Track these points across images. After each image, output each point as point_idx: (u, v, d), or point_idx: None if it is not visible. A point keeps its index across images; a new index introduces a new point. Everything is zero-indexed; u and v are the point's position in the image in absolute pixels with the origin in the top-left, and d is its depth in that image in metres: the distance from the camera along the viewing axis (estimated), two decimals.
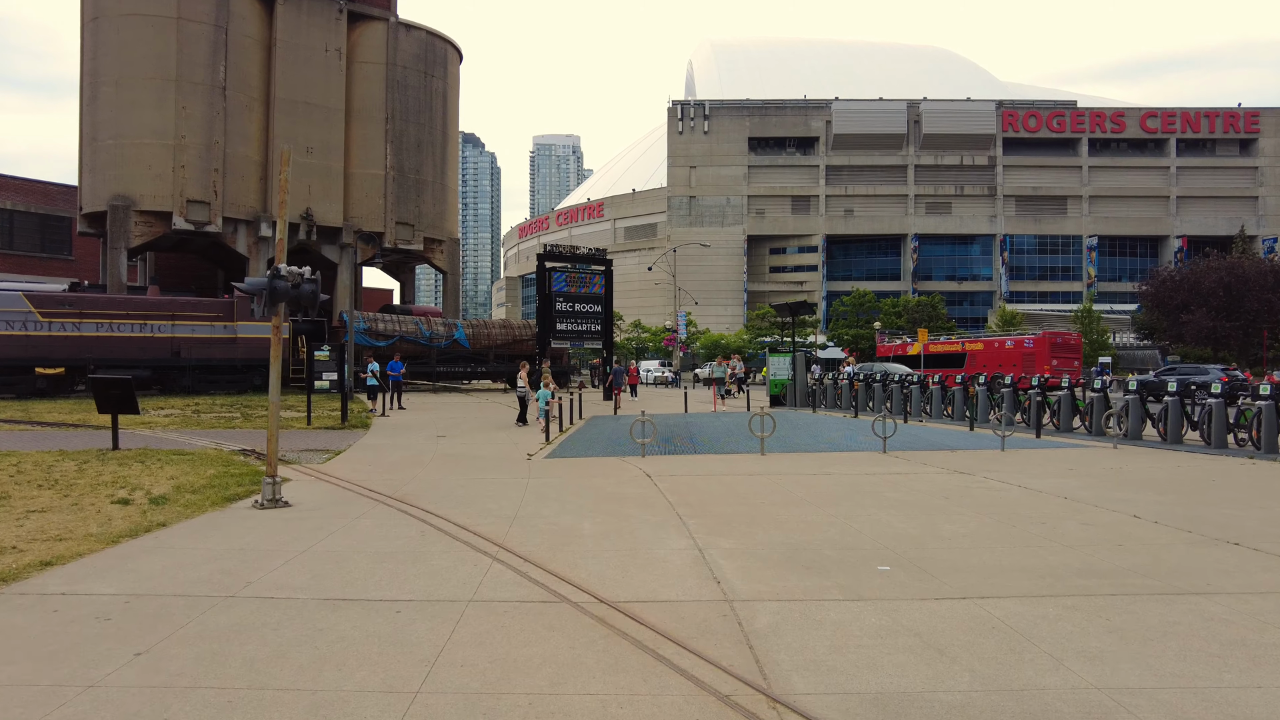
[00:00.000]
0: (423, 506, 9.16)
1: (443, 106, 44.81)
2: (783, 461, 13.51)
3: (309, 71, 39.40)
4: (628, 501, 9.54)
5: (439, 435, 19.12)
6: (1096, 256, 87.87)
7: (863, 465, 12.92)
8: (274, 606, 5.38)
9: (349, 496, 9.99)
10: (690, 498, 9.78)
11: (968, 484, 10.93)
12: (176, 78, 35.66)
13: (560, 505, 9.32)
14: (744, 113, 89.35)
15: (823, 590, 5.81)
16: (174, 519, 8.39)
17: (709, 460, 13.89)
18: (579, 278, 32.34)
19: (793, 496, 9.91)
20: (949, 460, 13.54)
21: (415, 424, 21.60)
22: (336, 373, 20.58)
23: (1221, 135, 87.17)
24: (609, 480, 11.34)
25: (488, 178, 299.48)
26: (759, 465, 13.02)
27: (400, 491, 10.31)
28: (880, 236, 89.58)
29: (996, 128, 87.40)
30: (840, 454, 14.60)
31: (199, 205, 36.65)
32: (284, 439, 17.72)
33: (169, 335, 32.30)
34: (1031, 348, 41.59)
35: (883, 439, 14.60)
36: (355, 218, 40.90)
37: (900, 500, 9.62)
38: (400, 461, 13.80)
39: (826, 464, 13.14)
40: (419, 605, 5.42)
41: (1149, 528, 8.00)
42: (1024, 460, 13.58)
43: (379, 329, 35.68)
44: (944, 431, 18.24)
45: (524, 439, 18.01)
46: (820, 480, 11.29)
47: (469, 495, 10.05)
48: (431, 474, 12.20)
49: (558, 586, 5.87)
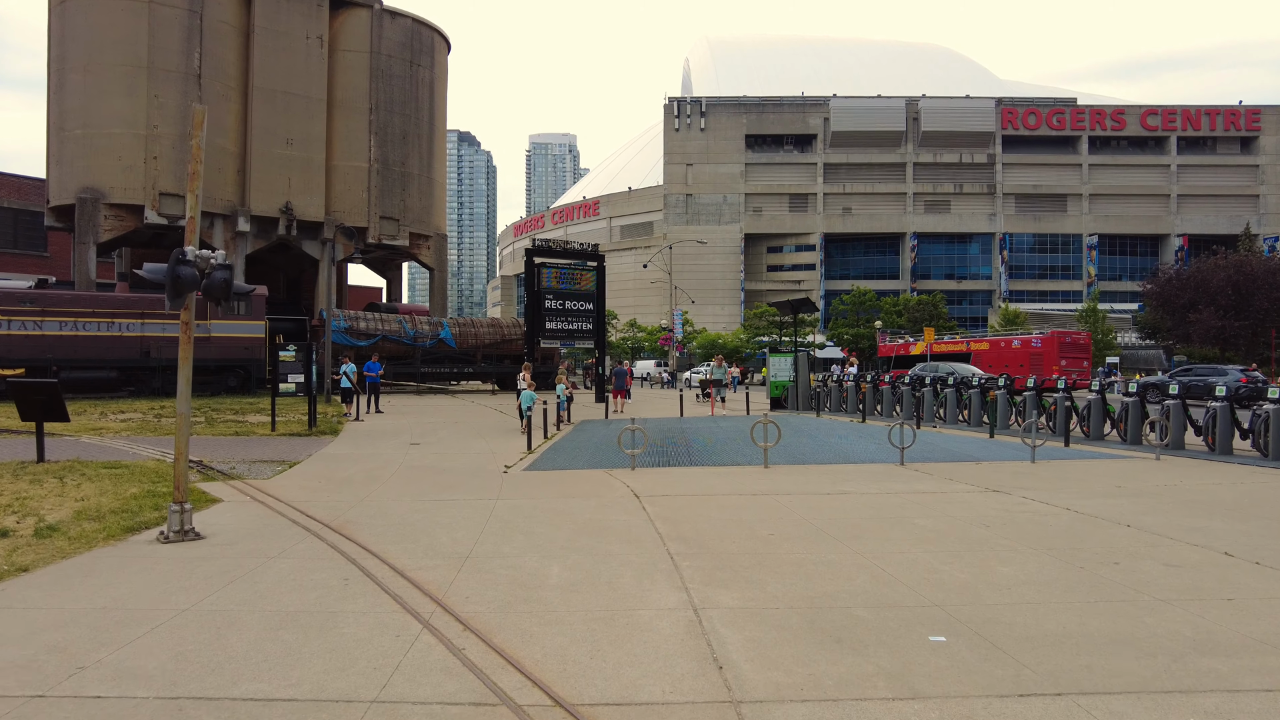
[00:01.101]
0: (360, 541, 7.58)
1: (429, 97, 43.16)
2: (790, 476, 11.96)
3: (289, 60, 37.76)
4: (609, 533, 7.97)
5: (412, 443, 17.55)
6: (1096, 255, 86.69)
7: (882, 481, 11.37)
8: (88, 718, 3.80)
9: (278, 525, 8.40)
10: (684, 528, 8.22)
11: (1007, 506, 9.38)
12: (148, 64, 34.00)
13: (527, 539, 7.74)
14: (741, 109, 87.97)
15: (863, 680, 4.25)
16: (46, 559, 6.80)
17: (707, 474, 12.33)
18: (570, 274, 30.72)
19: (806, 525, 8.35)
20: (977, 475, 12.00)
21: (389, 430, 20.03)
22: (304, 374, 18.93)
23: (1222, 133, 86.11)
24: (590, 503, 9.77)
25: (483, 177, 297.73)
26: (763, 481, 11.47)
27: (342, 518, 8.73)
28: (878, 235, 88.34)
29: (996, 125, 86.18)
30: (853, 467, 13.05)
31: (173, 198, 34.97)
32: (241, 448, 16.14)
33: (138, 334, 30.64)
34: (1040, 347, 40.16)
35: (900, 449, 13.05)
36: (337, 212, 39.25)
37: (934, 530, 8.07)
38: (357, 476, 12.22)
39: (840, 480, 11.59)
40: (299, 711, 3.86)
41: (1252, 572, 6.45)
42: (1060, 474, 12.04)
43: (360, 328, 34.05)
44: (962, 439, 16.71)
45: (505, 447, 16.45)
46: (836, 502, 9.73)
47: (421, 524, 8.47)
48: (388, 493, 10.63)
49: (501, 675, 4.30)
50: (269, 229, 37.95)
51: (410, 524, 8.42)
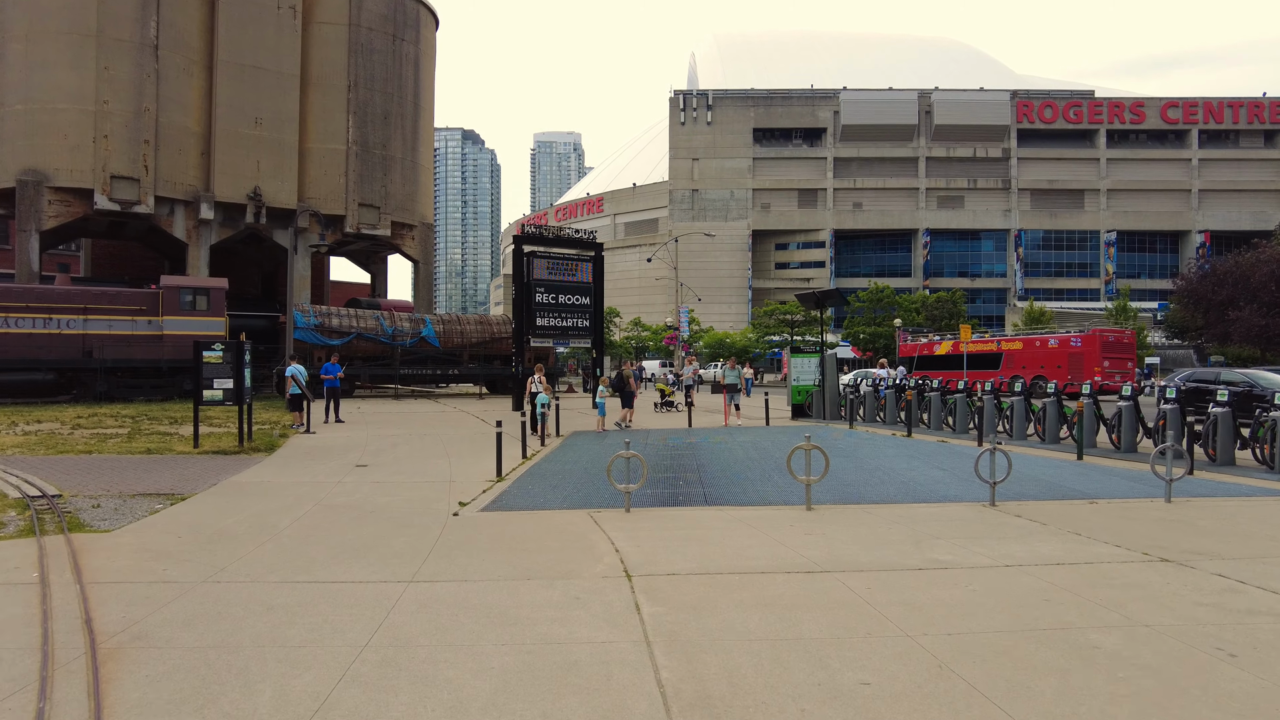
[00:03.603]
0: (111, 703, 4.18)
1: (414, 74, 39.76)
2: (848, 527, 8.53)
3: (258, 31, 34.40)
4: (570, 681, 4.52)
5: (358, 464, 14.19)
6: (1115, 253, 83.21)
7: (983, 540, 7.91)
8: None
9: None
10: (706, 661, 4.78)
11: (1216, 597, 5.93)
12: (98, 33, 30.65)
13: (418, 696, 4.32)
14: (748, 102, 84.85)
15: None
16: None
17: (730, 524, 8.90)
18: (563, 264, 27.28)
19: (914, 653, 4.90)
20: (1107, 524, 8.55)
21: (340, 445, 16.66)
22: (232, 379, 15.62)
23: (1245, 126, 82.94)
24: (554, 591, 6.32)
25: (488, 175, 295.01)
26: (813, 540, 8.03)
27: (137, 629, 5.31)
28: (890, 232, 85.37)
29: (1011, 119, 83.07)
30: (927, 508, 9.62)
31: (126, 182, 31.63)
32: (138, 472, 12.77)
33: (79, 332, 27.36)
34: (1079, 347, 36.63)
35: (990, 484, 9.61)
36: (312, 198, 35.88)
37: (1142, 664, 4.64)
38: (243, 526, 8.83)
39: (921, 534, 8.14)
40: None
41: None
42: (1228, 522, 8.59)
43: (332, 325, 30.67)
44: (1044, 462, 13.25)
45: (471, 470, 13.09)
46: (939, 590, 6.26)
47: (256, 645, 5.03)
48: (260, 563, 7.22)
49: None
50: (236, 217, 34.58)
51: (237, 646, 4.98)
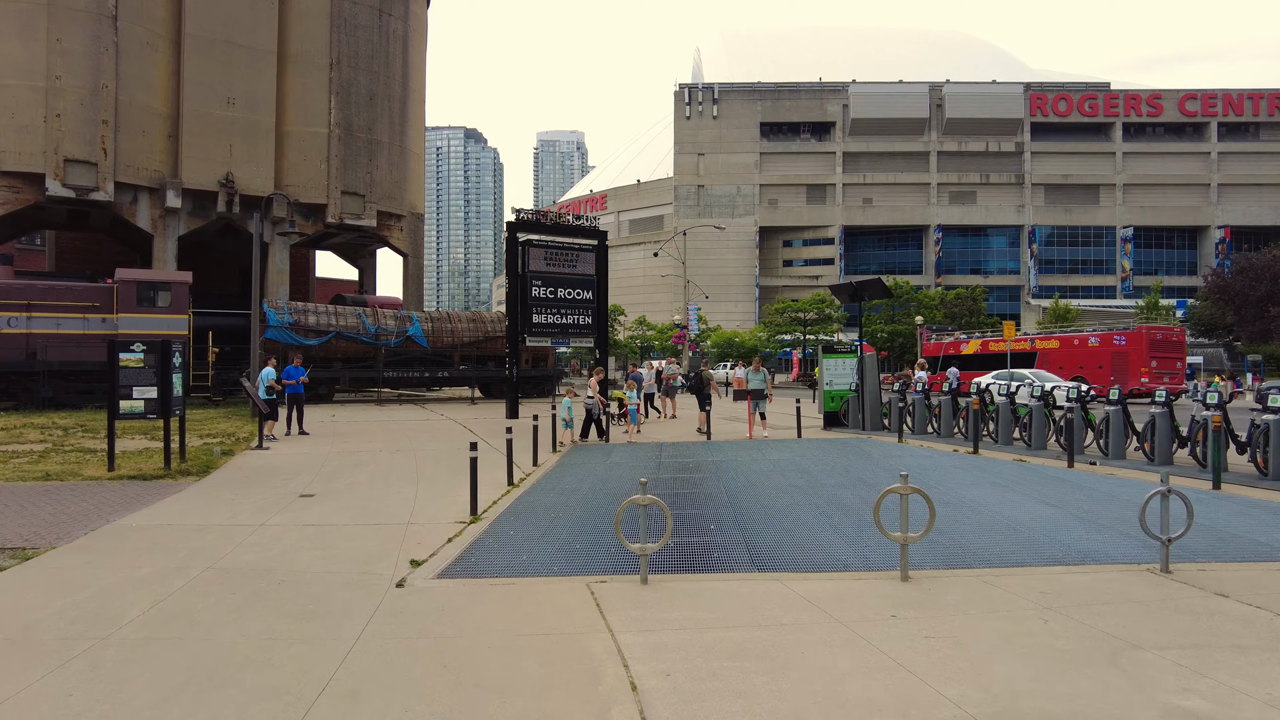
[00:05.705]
0: None
1: (403, 53, 36.85)
2: (978, 620, 5.64)
3: (231, 3, 31.52)
4: None
5: (304, 494, 11.33)
6: (1132, 249, 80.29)
7: (1216, 652, 5.03)
8: None
9: None
10: None
11: None
12: (48, 1, 27.84)
13: None
14: (755, 96, 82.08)
15: None
16: None
17: (799, 621, 6.01)
18: (564, 254, 24.35)
19: None
20: None
21: (290, 467, 13.76)
22: (156, 387, 12.75)
23: (1266, 118, 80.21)
24: None
25: (490, 174, 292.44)
26: (939, 653, 5.13)
27: None
28: (900, 228, 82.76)
29: (1024, 112, 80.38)
30: (1074, 576, 6.71)
31: (83, 166, 28.75)
32: (13, 506, 9.89)
33: (22, 331, 24.54)
34: (1124, 345, 33.71)
35: (1164, 542, 6.72)
36: (290, 185, 32.96)
37: None
38: (70, 613, 5.93)
39: (1106, 640, 5.23)
40: None
41: None
42: None
43: (308, 323, 27.76)
44: None
45: (442, 505, 10.20)
46: None
47: None
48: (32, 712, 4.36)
49: None
50: (207, 206, 31.70)
51: None
